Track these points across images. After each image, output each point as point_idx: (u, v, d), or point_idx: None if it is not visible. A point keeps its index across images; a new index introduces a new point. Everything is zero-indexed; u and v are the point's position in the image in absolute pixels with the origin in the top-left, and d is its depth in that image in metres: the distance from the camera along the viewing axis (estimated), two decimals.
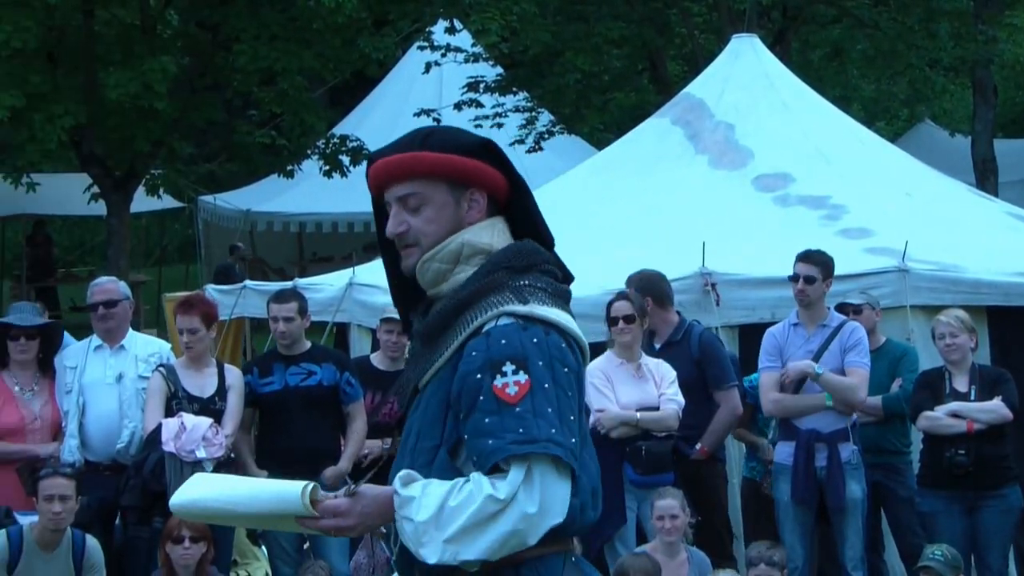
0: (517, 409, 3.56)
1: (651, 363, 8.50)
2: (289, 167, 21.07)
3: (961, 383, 8.52)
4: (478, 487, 3.54)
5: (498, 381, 3.57)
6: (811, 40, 26.34)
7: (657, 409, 8.34)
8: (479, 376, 3.60)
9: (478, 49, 22.61)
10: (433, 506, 3.54)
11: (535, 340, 3.63)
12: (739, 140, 11.49)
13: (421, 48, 22.20)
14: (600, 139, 22.24)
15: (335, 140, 21.56)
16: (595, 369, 8.42)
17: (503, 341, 3.62)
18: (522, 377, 3.58)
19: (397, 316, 8.96)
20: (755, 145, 11.42)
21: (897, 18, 22.84)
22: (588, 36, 21.07)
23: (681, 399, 8.37)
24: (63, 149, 19.44)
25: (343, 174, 21.05)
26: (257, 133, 22.01)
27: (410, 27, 21.74)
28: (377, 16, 20.77)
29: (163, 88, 17.78)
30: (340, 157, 21.10)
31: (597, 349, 8.89)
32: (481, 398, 3.58)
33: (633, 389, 8.38)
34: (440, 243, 3.76)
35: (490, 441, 3.55)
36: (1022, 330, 9.77)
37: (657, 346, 8.84)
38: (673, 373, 8.45)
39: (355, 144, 21.32)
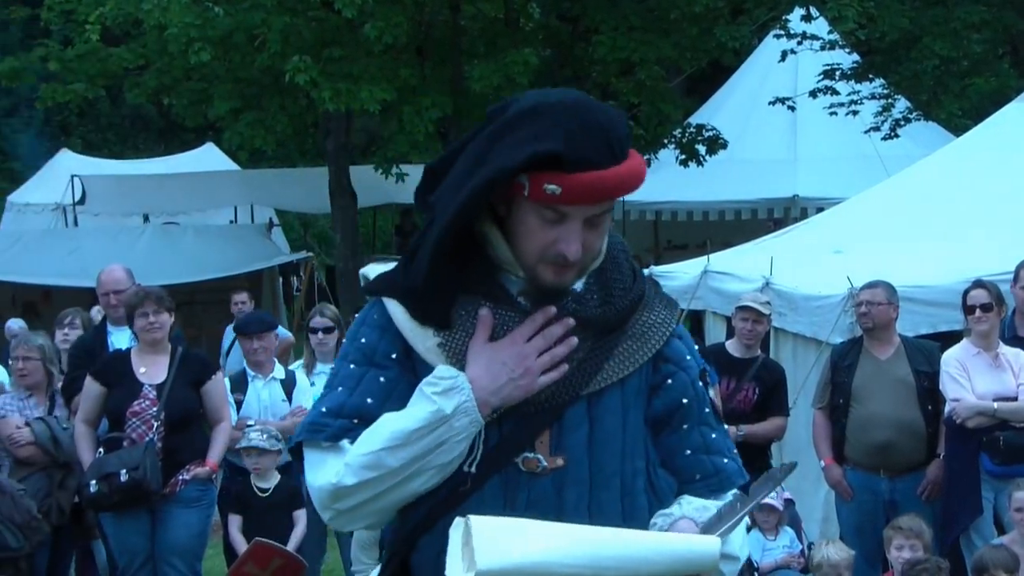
0: (724, 426, 3.25)
1: (1009, 352, 8.41)
2: (646, 156, 21.33)
3: None
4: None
5: (710, 392, 3.20)
6: None
7: (1015, 399, 8.27)
8: (701, 384, 3.16)
9: (834, 36, 22.44)
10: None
11: None
12: None
13: (777, 36, 22.12)
14: (958, 125, 21.74)
15: (691, 129, 21.76)
16: (951, 359, 8.40)
17: (696, 347, 3.23)
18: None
19: (754, 304, 9.23)
20: None
21: None
22: (947, 21, 20.66)
23: None
24: (430, 140, 20.06)
25: (699, 163, 21.25)
26: None
27: (766, 15, 21.72)
28: (734, 5, 20.87)
29: (525, 80, 18.17)
30: (696, 146, 21.30)
31: (953, 338, 8.87)
32: (707, 410, 3.15)
33: (990, 379, 8.31)
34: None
35: (726, 460, 3.15)
36: None
37: None
38: None
39: (711, 133, 21.47)
